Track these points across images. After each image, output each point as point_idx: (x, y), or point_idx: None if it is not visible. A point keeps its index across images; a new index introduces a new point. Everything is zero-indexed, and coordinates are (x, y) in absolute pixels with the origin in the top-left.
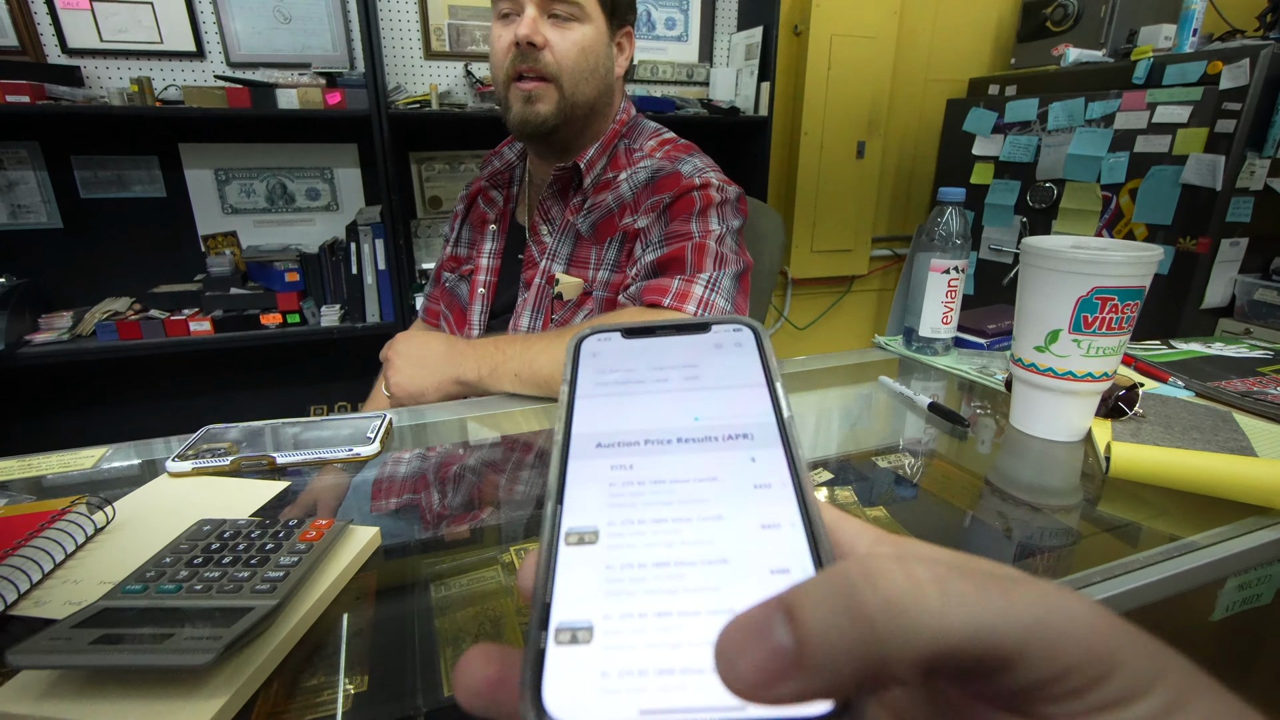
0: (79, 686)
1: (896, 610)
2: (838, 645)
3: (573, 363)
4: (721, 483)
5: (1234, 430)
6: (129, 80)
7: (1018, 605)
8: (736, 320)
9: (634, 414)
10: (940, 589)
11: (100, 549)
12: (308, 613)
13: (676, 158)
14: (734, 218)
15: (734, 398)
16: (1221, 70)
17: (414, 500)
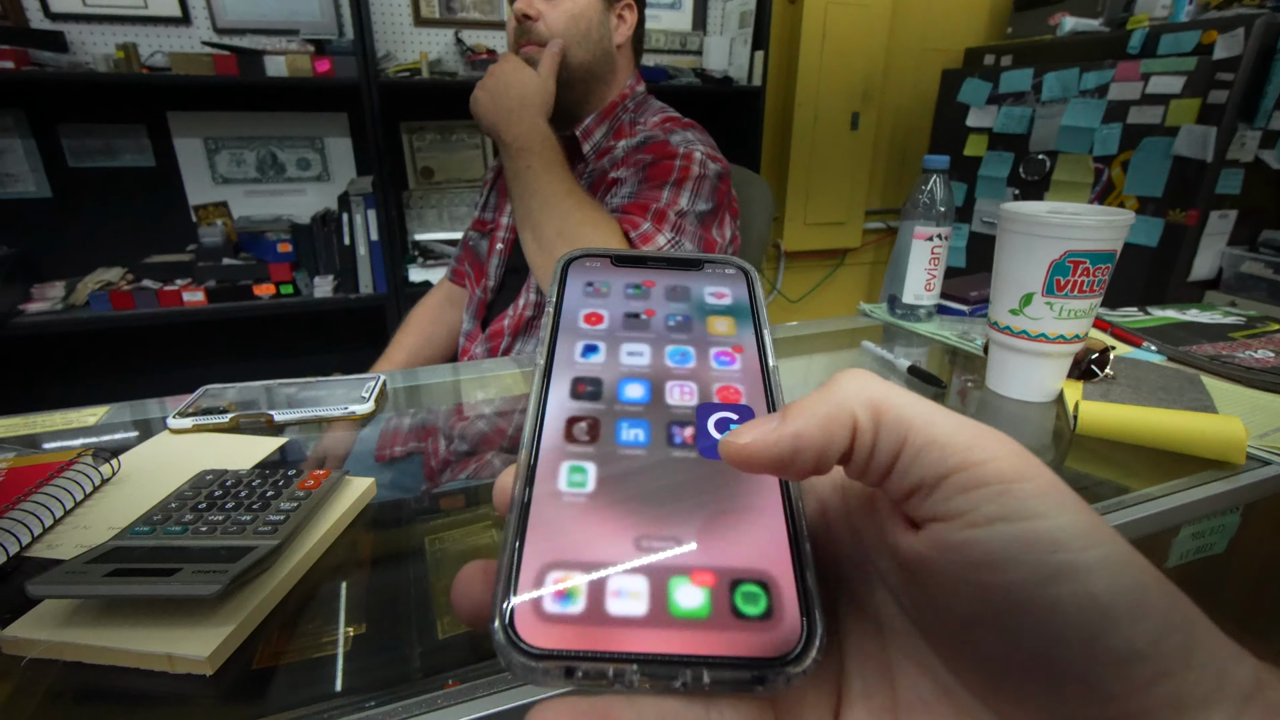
0: (95, 616)
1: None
2: (813, 398)
3: (559, 284)
4: (701, 420)
5: (1200, 391)
6: (114, 46)
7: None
8: (730, 261)
9: (618, 346)
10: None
11: (107, 498)
12: (306, 554)
13: (671, 129)
14: (706, 200)
15: (720, 339)
16: (1216, 40)
17: (408, 455)
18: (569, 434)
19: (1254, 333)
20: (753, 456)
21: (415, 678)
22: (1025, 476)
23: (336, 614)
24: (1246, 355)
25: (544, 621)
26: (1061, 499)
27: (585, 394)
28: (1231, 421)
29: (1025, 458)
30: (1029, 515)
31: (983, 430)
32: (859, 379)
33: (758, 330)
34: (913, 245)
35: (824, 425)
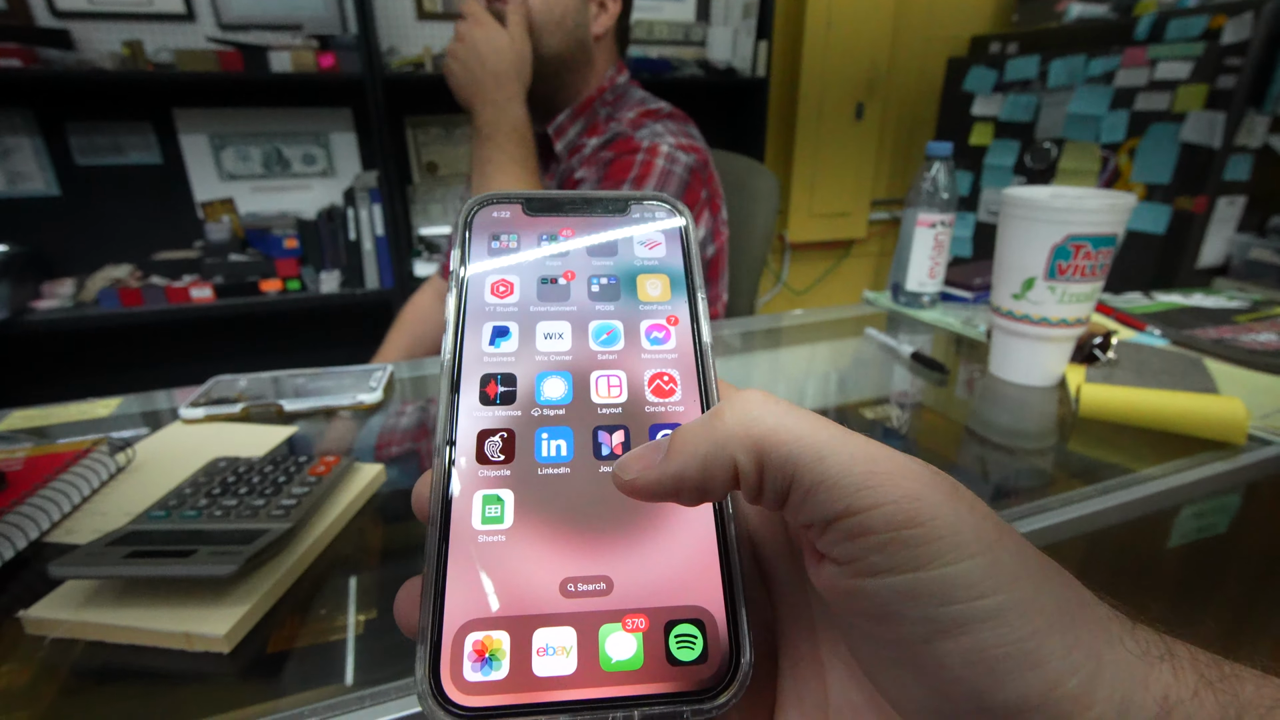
0: (115, 596)
1: (739, 407)
2: (695, 432)
3: (462, 244)
4: (627, 401)
5: (1202, 374)
6: (120, 43)
7: (827, 434)
8: (661, 199)
9: (533, 325)
10: (773, 407)
11: (122, 486)
12: (318, 538)
13: (641, 124)
14: (673, 190)
15: (651, 308)
16: (1224, 24)
17: (416, 444)
18: (481, 453)
19: (1258, 316)
20: (638, 491)
21: None
22: (916, 521)
23: (348, 600)
24: (1250, 338)
25: (469, 682)
26: (958, 542)
27: (497, 397)
28: (1233, 403)
29: (921, 499)
30: (916, 565)
31: (879, 466)
32: (744, 410)
33: (690, 294)
34: (916, 232)
35: (703, 466)
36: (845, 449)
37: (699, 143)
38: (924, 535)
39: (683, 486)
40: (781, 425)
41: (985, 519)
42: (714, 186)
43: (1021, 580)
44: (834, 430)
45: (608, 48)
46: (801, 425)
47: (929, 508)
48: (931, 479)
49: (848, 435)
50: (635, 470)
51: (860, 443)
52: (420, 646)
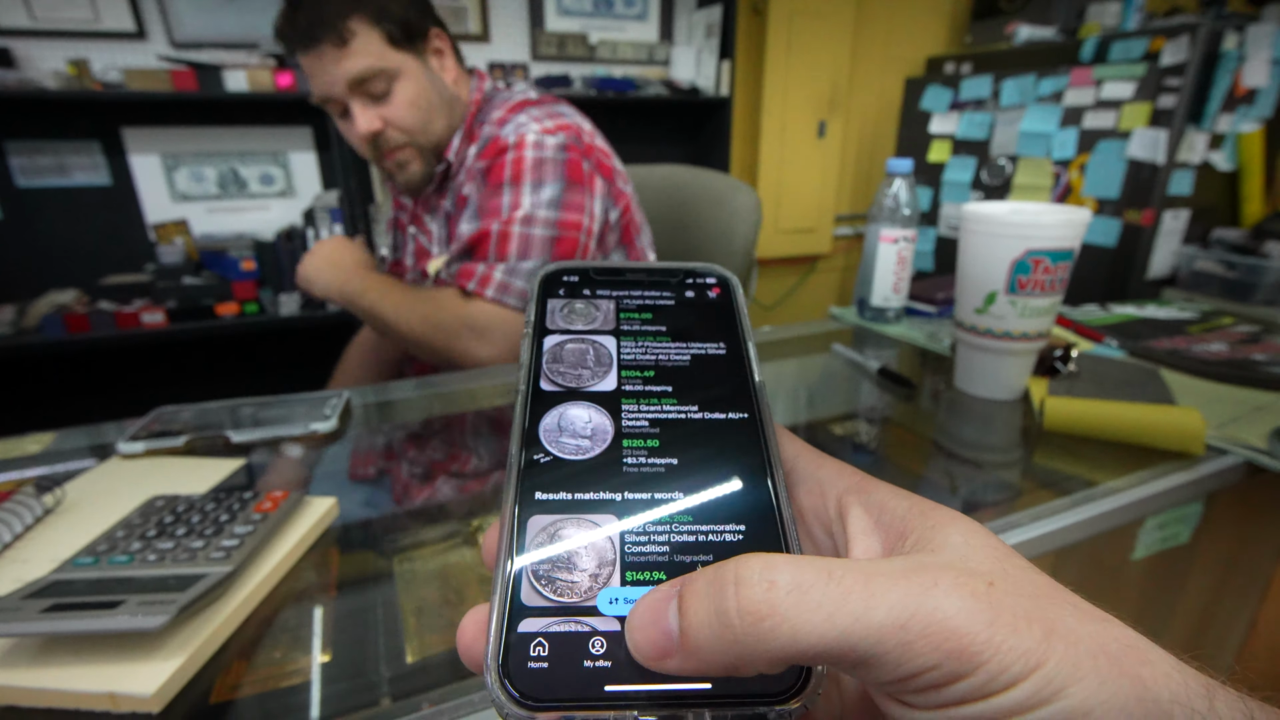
0: (31, 655)
1: (753, 619)
2: (709, 640)
3: (538, 302)
4: (692, 450)
5: (1159, 385)
6: (65, 62)
7: (877, 611)
8: (711, 270)
9: (600, 369)
10: (799, 599)
11: (50, 530)
12: (264, 580)
13: (507, 120)
14: (553, 181)
15: (703, 355)
16: (1163, 46)
17: (374, 474)
18: (546, 490)
19: (1208, 326)
20: (652, 665)
21: (385, 705)
22: (968, 661)
23: (300, 641)
24: (1202, 349)
25: (538, 671)
26: (1005, 664)
27: (563, 449)
28: (1190, 414)
29: (969, 634)
30: (969, 698)
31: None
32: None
33: (744, 351)
34: (879, 248)
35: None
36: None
37: (570, 119)
38: (977, 678)
39: (691, 674)
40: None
41: (1030, 625)
42: (598, 155)
43: (1071, 689)
44: (896, 595)
45: (457, 71)
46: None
47: (977, 640)
48: (970, 596)
49: (925, 594)
50: (646, 648)
51: (954, 600)
52: (490, 637)
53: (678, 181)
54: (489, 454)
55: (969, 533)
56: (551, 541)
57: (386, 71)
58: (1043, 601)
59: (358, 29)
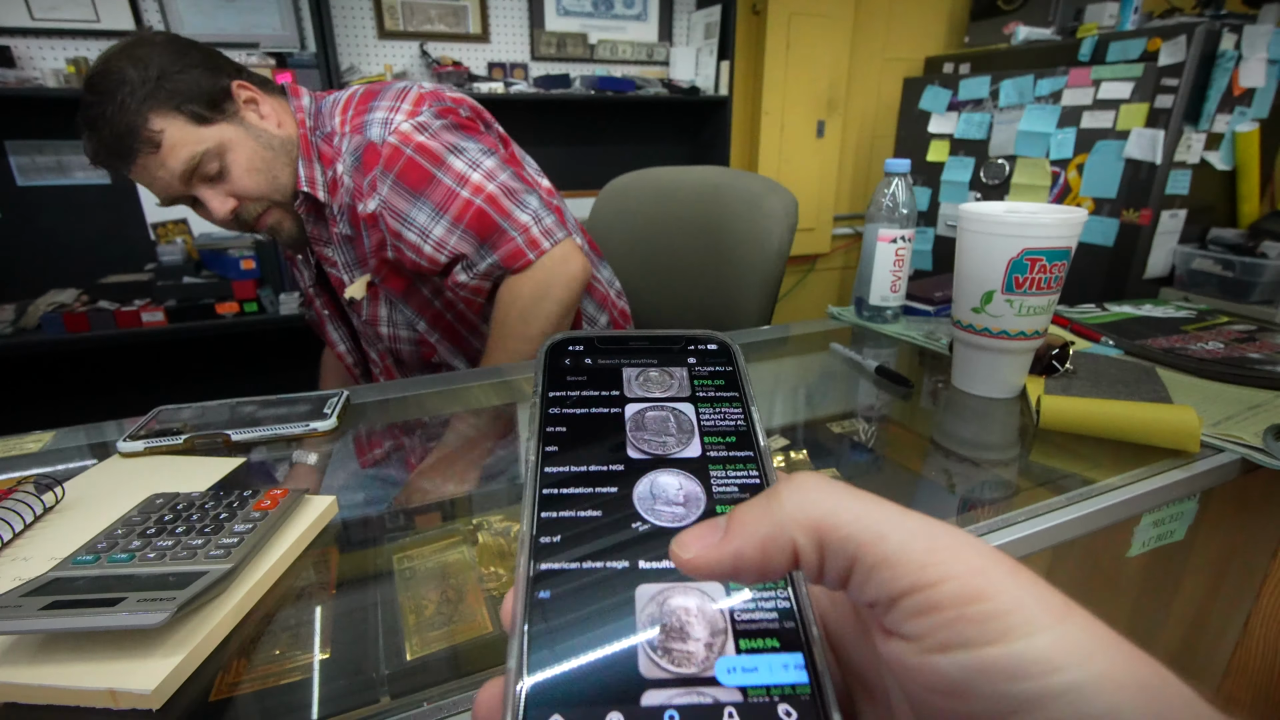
0: (32, 653)
1: (797, 490)
2: (754, 513)
3: (544, 372)
4: (703, 509)
5: (1156, 383)
6: (65, 61)
7: (909, 522)
8: (712, 337)
9: (608, 434)
10: (829, 489)
11: (50, 528)
12: (263, 577)
13: (361, 124)
14: (459, 139)
15: (711, 419)
16: (1160, 47)
17: (373, 473)
18: (560, 553)
19: (1205, 325)
20: (698, 569)
21: (384, 703)
22: (984, 597)
23: (299, 639)
24: (1198, 347)
25: None
26: (1029, 617)
27: (575, 510)
28: (1186, 412)
29: (986, 574)
30: (985, 641)
31: (940, 542)
32: (802, 492)
33: (746, 409)
34: (877, 247)
35: (762, 547)
36: (905, 526)
37: (412, 89)
38: (991, 610)
39: (741, 566)
40: (840, 506)
41: (1050, 594)
42: (469, 108)
43: (1096, 656)
44: (892, 509)
45: (279, 108)
46: (859, 505)
47: (994, 583)
48: (992, 554)
49: (906, 513)
50: (694, 549)
51: (919, 520)
52: (506, 711)
53: (714, 183)
54: (488, 452)
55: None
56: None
57: (210, 152)
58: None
59: (163, 125)
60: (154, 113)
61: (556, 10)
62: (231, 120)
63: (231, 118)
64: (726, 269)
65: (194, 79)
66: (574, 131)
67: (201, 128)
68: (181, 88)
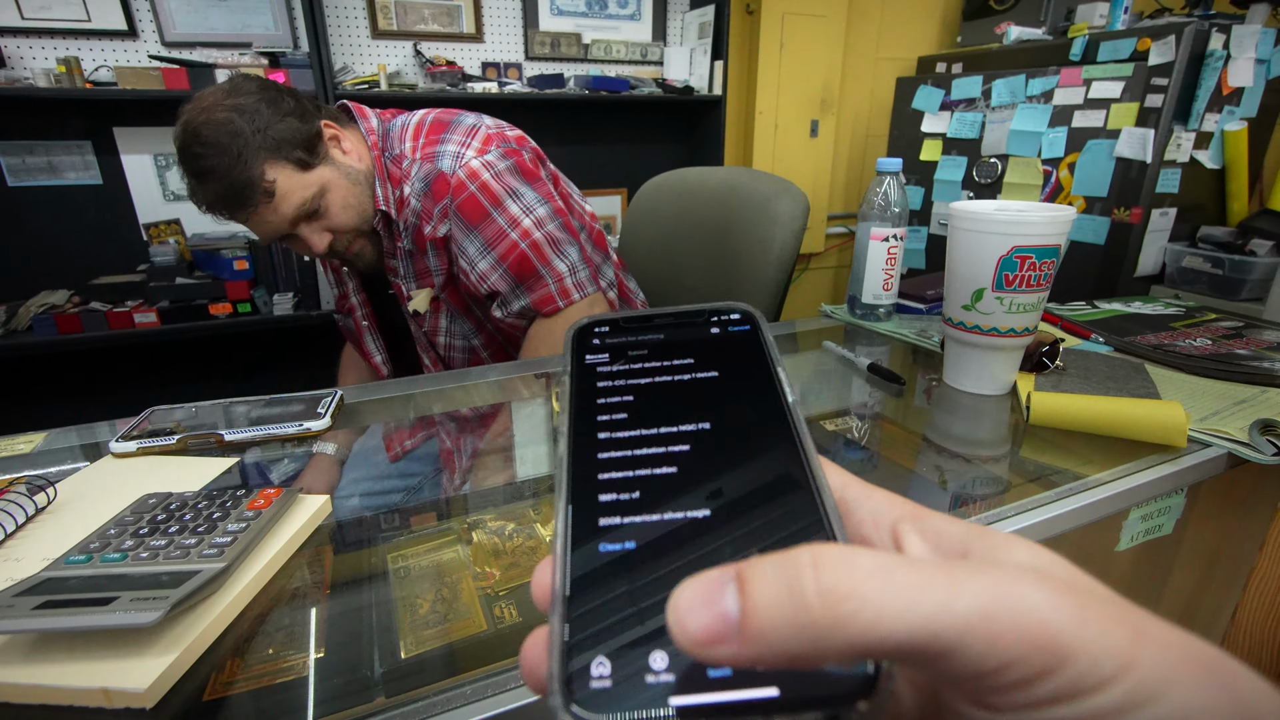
0: (24, 652)
1: (833, 600)
2: (777, 623)
3: (572, 353)
4: (734, 471)
5: (1144, 379)
6: (55, 61)
7: (961, 598)
8: (734, 307)
9: (639, 406)
10: (881, 582)
11: (42, 528)
12: (257, 576)
13: (433, 153)
14: (520, 184)
15: (737, 385)
16: (1150, 46)
17: (367, 472)
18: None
19: (1192, 322)
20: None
21: (379, 701)
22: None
23: (294, 638)
24: (1186, 344)
25: (606, 689)
26: (1094, 665)
27: (611, 487)
28: (1173, 407)
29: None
30: (1057, 699)
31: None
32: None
33: (776, 381)
34: (869, 246)
35: (791, 662)
36: (1019, 612)
37: (482, 127)
38: (1060, 660)
39: (747, 664)
40: (915, 615)
41: (1115, 624)
42: (530, 150)
43: (1181, 683)
44: (978, 586)
45: (352, 139)
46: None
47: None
48: (1093, 616)
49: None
50: (695, 629)
51: (1039, 593)
52: (554, 662)
53: (734, 184)
54: (481, 452)
55: (1034, 549)
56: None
57: (315, 195)
58: (1124, 607)
59: (275, 175)
60: (267, 164)
61: (550, 10)
62: (326, 161)
63: (325, 159)
64: (735, 269)
65: (293, 126)
66: (568, 131)
67: (306, 173)
68: (286, 136)
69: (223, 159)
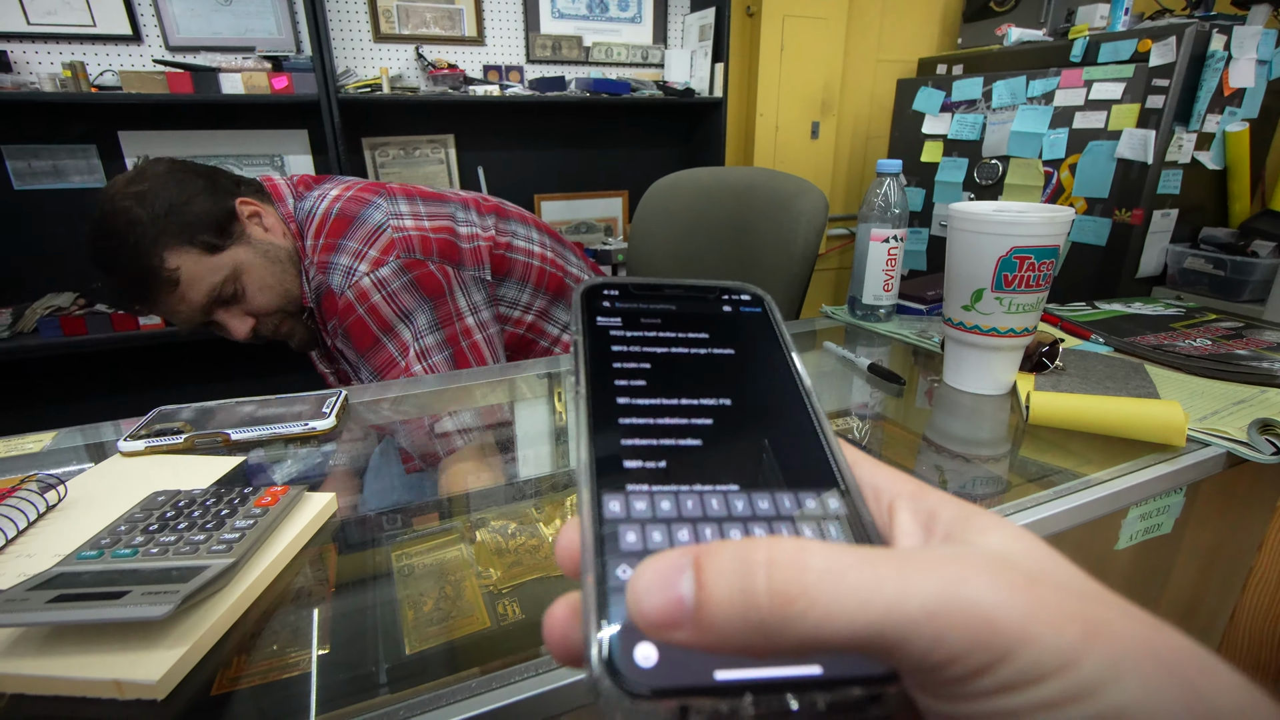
0: (38, 645)
1: (783, 601)
2: (729, 615)
3: (583, 315)
4: (756, 441)
5: (1144, 379)
6: (61, 66)
7: (911, 598)
8: (745, 288)
9: (656, 373)
10: (833, 584)
11: (52, 525)
12: (264, 572)
13: (326, 263)
14: (415, 305)
15: (753, 360)
16: (1151, 48)
17: (372, 471)
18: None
19: (1192, 323)
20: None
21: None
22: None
23: (299, 634)
24: (1186, 344)
25: (643, 659)
26: (1038, 660)
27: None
28: (1172, 406)
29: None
30: (1003, 689)
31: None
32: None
33: (788, 358)
34: (870, 247)
35: (743, 649)
36: (968, 606)
37: (386, 229)
38: (1001, 656)
39: (700, 648)
40: (864, 613)
41: (1064, 611)
42: (434, 244)
43: (1126, 679)
44: (932, 583)
45: (275, 215)
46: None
47: (1005, 629)
48: (1045, 602)
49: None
50: (651, 610)
51: (990, 585)
52: (590, 635)
53: (753, 183)
54: (486, 451)
55: (1012, 535)
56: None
57: (227, 279)
58: (1089, 602)
59: (178, 262)
60: (168, 250)
61: (551, 13)
62: (240, 241)
63: (240, 239)
64: (756, 267)
65: (201, 207)
66: (569, 134)
67: (215, 256)
68: (191, 219)
69: (121, 251)
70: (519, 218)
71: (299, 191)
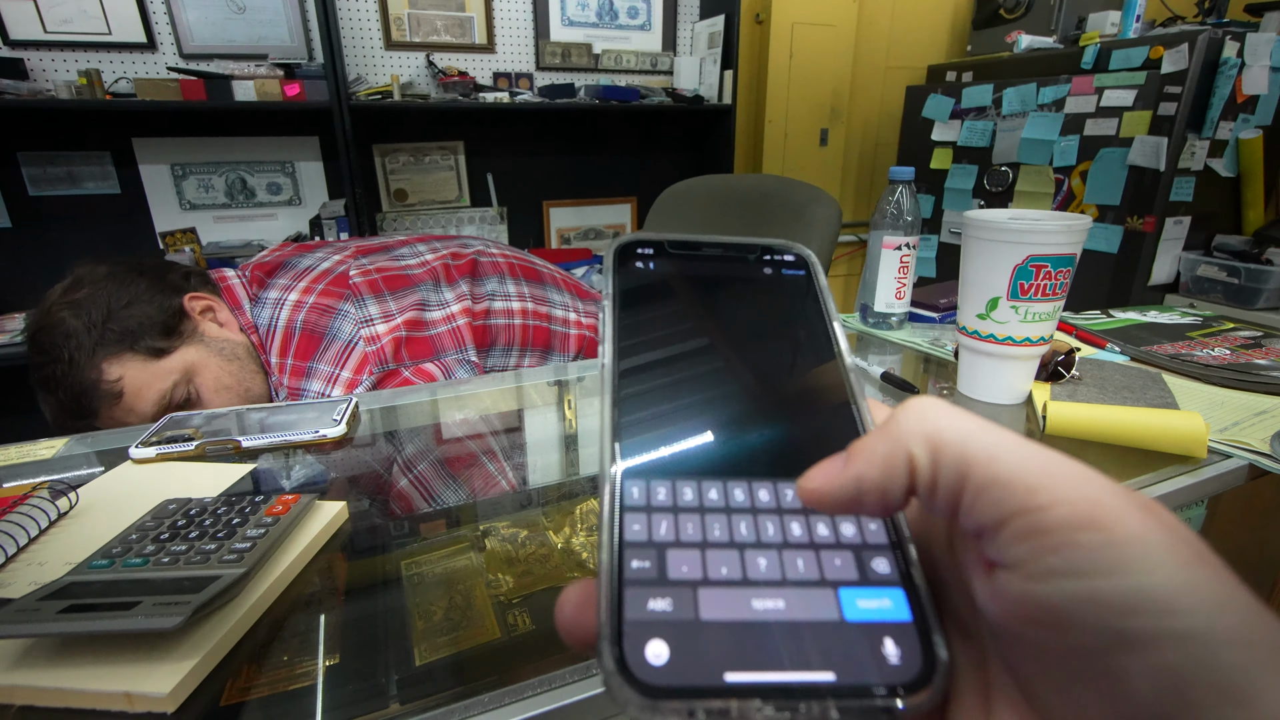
0: (49, 655)
1: (914, 408)
2: (874, 435)
3: (614, 276)
4: (788, 423)
5: (1162, 389)
6: (76, 73)
7: (1001, 435)
8: (789, 247)
9: (685, 341)
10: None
11: (64, 533)
12: (275, 582)
13: (299, 391)
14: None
15: (789, 328)
16: (1163, 55)
17: (382, 479)
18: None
19: (1210, 331)
20: (822, 500)
21: (393, 708)
22: (1099, 525)
23: (309, 644)
24: (1204, 353)
25: (656, 660)
26: (1146, 553)
27: (658, 422)
28: (1193, 417)
29: (1103, 504)
30: (1097, 571)
31: (1057, 469)
32: (921, 409)
33: (829, 324)
34: (882, 254)
35: (883, 465)
36: (1020, 450)
37: (359, 344)
38: (1105, 540)
39: (864, 489)
40: (955, 425)
41: (1182, 540)
42: (414, 357)
43: (1226, 609)
44: (1008, 433)
45: (228, 316)
46: (975, 425)
47: (1111, 513)
48: (1115, 488)
49: (1023, 440)
50: (818, 480)
51: (1036, 448)
52: (604, 629)
53: (766, 190)
54: (496, 459)
55: None
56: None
57: (178, 383)
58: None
59: (120, 372)
60: (107, 361)
61: (561, 20)
62: (191, 340)
63: (190, 337)
64: None
65: (143, 311)
66: (578, 140)
67: (162, 360)
68: (131, 325)
69: (55, 366)
70: (493, 269)
71: (253, 293)
